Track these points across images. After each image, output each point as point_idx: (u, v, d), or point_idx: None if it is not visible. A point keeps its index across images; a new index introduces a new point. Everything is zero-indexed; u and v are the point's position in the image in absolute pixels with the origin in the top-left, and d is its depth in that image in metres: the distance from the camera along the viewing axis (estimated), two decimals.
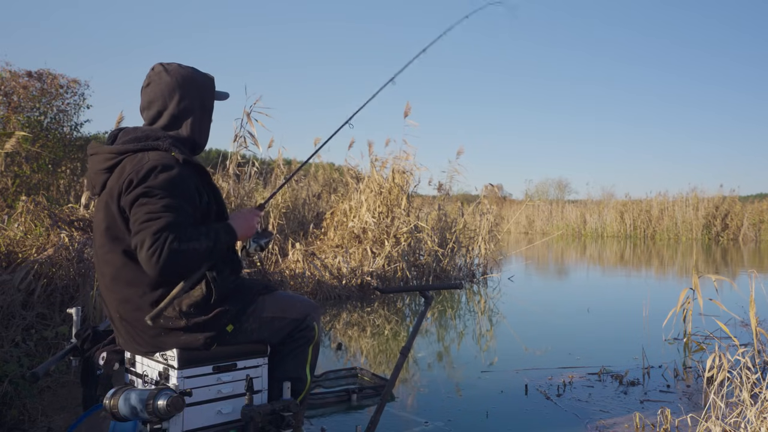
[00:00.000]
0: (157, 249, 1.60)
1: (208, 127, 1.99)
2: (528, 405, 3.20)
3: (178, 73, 1.89)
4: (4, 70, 8.04)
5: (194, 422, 1.79)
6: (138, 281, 1.76)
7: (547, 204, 26.41)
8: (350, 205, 8.38)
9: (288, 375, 1.99)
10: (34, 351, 3.46)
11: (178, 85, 1.87)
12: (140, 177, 1.69)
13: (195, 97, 1.90)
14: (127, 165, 1.75)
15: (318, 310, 2.11)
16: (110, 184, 1.78)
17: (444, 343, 4.95)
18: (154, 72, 1.90)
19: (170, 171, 1.72)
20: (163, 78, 1.87)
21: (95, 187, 1.86)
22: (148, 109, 1.90)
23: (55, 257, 4.37)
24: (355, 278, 7.00)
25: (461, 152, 9.52)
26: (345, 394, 3.02)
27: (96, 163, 1.83)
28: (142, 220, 1.64)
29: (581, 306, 6.64)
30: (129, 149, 1.78)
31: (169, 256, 1.60)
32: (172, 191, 1.70)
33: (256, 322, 1.93)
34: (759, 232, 20.23)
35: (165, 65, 1.90)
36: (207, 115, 1.96)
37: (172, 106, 1.87)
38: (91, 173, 1.86)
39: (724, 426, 2.49)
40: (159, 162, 1.72)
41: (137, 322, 1.79)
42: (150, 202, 1.66)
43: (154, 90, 1.88)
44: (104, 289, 1.85)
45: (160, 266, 1.61)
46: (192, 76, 1.91)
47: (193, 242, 1.67)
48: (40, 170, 7.14)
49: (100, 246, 1.81)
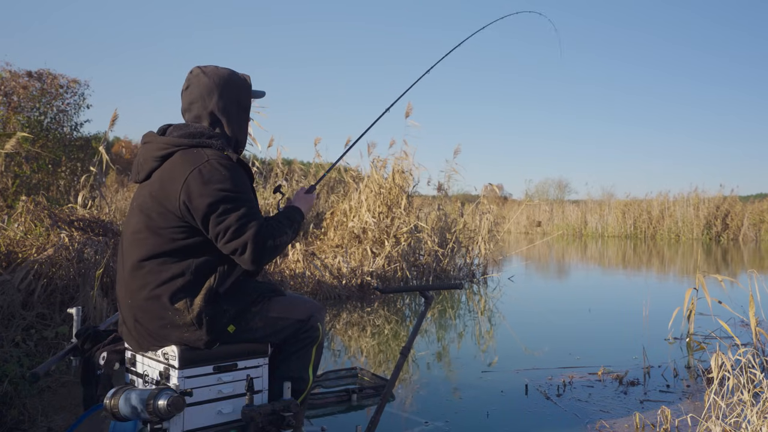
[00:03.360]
0: (259, 252, 1.77)
1: (247, 125, 2.04)
2: (528, 405, 3.20)
3: (215, 74, 1.94)
4: (4, 70, 8.03)
5: (195, 422, 1.79)
6: (161, 271, 1.79)
7: (547, 204, 26.42)
8: (350, 205, 8.38)
9: (290, 375, 1.99)
10: (34, 351, 3.46)
11: (216, 86, 1.92)
12: (210, 178, 1.75)
13: (233, 97, 1.95)
14: (181, 158, 1.80)
15: (322, 311, 2.12)
16: (163, 176, 1.81)
17: (444, 343, 4.95)
18: (192, 75, 1.95)
19: (233, 171, 1.80)
20: (202, 80, 1.92)
21: (140, 173, 1.89)
22: (189, 110, 1.94)
23: (55, 257, 4.37)
24: (355, 278, 6.99)
25: (458, 151, 9.54)
26: (345, 394, 3.01)
27: (148, 151, 1.87)
28: (236, 228, 1.75)
29: (581, 306, 6.64)
30: (183, 143, 1.83)
31: (270, 254, 1.81)
32: (246, 191, 1.82)
33: (261, 321, 1.93)
34: (759, 232, 20.23)
35: (202, 68, 1.96)
36: (245, 113, 2.01)
37: (212, 106, 1.91)
38: (141, 159, 1.90)
39: (724, 426, 2.49)
40: (219, 161, 1.78)
41: (147, 312, 1.80)
42: (234, 207, 1.76)
43: (194, 92, 1.93)
44: (125, 273, 1.86)
45: (261, 264, 1.81)
46: (229, 77, 1.95)
47: (283, 236, 1.85)
48: (40, 170, 7.14)
49: (136, 231, 1.83)
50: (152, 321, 1.80)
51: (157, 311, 1.79)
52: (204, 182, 1.74)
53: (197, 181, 1.75)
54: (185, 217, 1.78)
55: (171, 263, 1.79)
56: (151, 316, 1.80)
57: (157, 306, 1.79)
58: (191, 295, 1.79)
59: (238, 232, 1.75)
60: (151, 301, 1.79)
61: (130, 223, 1.88)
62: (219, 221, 1.75)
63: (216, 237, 1.77)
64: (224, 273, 1.85)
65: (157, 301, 1.79)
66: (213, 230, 1.76)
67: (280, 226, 1.87)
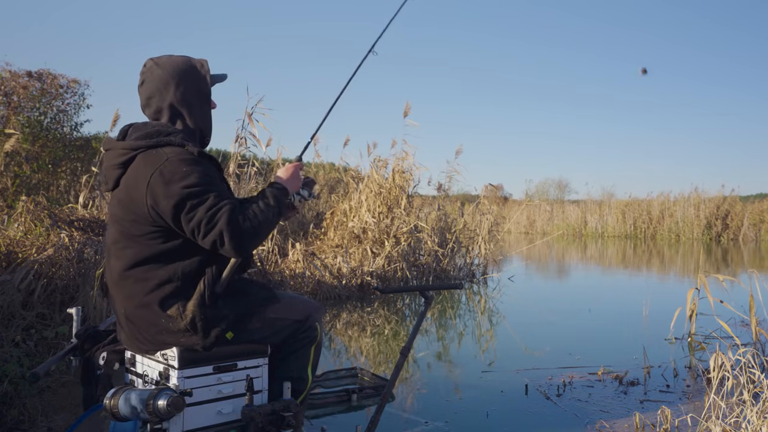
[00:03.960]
0: (238, 237, 1.68)
1: (210, 113, 1.96)
2: (528, 405, 3.20)
3: (169, 64, 1.86)
4: (4, 70, 8.03)
5: (194, 422, 1.79)
6: (147, 278, 1.76)
7: (548, 204, 26.41)
8: (350, 205, 8.37)
9: (290, 375, 1.98)
10: (34, 351, 3.46)
11: (171, 77, 1.84)
12: (171, 178, 1.68)
13: (191, 86, 1.87)
14: (142, 162, 1.74)
15: (320, 311, 2.11)
16: (128, 183, 1.76)
17: (444, 343, 4.95)
18: (146, 68, 1.88)
19: (195, 165, 1.72)
20: (156, 72, 1.85)
21: (109, 182, 1.85)
22: (148, 106, 1.88)
23: (55, 257, 4.37)
24: (355, 278, 6.99)
25: (460, 152, 9.53)
26: (345, 394, 3.01)
27: (110, 159, 1.82)
28: (207, 220, 1.67)
29: (581, 306, 6.64)
30: (141, 145, 1.76)
31: (250, 237, 1.70)
32: (212, 182, 1.73)
33: (259, 322, 1.92)
34: (759, 232, 20.23)
35: (155, 59, 1.88)
36: (206, 101, 1.93)
37: (170, 98, 1.84)
38: (106, 168, 1.85)
39: (724, 426, 2.49)
40: (179, 157, 1.71)
41: (141, 319, 1.79)
42: (201, 200, 1.68)
43: (149, 86, 1.86)
44: (112, 284, 1.84)
45: (246, 249, 1.72)
46: (184, 65, 1.88)
47: (261, 214, 1.75)
48: (40, 170, 7.14)
49: (115, 242, 1.81)
50: (148, 328, 1.79)
51: (151, 319, 1.77)
52: (166, 183, 1.68)
53: (159, 183, 1.69)
54: (157, 222, 1.73)
55: (156, 269, 1.76)
56: (145, 324, 1.79)
57: (149, 314, 1.77)
58: (183, 300, 1.77)
59: (210, 223, 1.67)
60: (143, 309, 1.77)
61: (109, 234, 1.84)
62: (189, 218, 1.68)
63: (192, 235, 1.70)
64: (214, 274, 1.80)
65: (148, 309, 1.77)
66: (187, 229, 1.70)
67: (255, 205, 1.77)
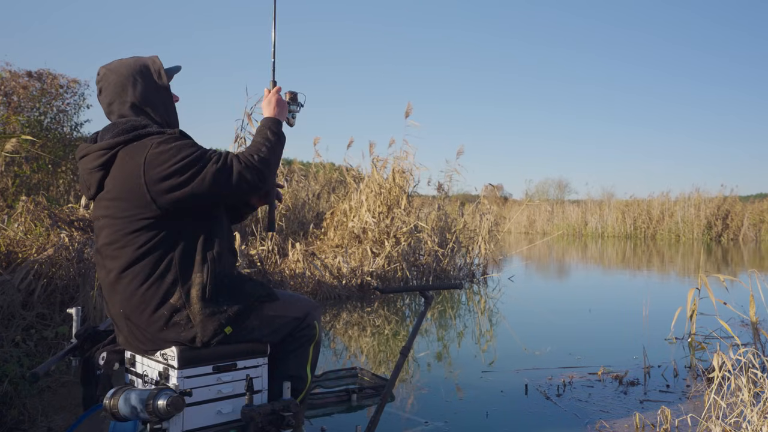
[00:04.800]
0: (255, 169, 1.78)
1: (173, 105, 1.96)
2: (528, 405, 3.20)
3: (122, 66, 1.88)
4: (4, 70, 8.04)
5: (194, 422, 1.79)
6: (146, 274, 1.77)
7: (548, 204, 26.41)
8: (350, 205, 8.38)
9: (289, 374, 1.98)
10: (34, 351, 3.46)
11: (125, 79, 1.85)
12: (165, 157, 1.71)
13: (147, 83, 1.88)
14: (126, 155, 1.74)
15: (318, 309, 2.11)
16: (117, 179, 1.75)
17: (444, 343, 4.95)
18: (100, 77, 1.89)
19: (182, 139, 1.77)
20: (111, 78, 1.86)
21: (90, 188, 1.83)
22: (111, 112, 1.88)
23: (55, 257, 4.37)
24: (355, 278, 6.99)
25: (461, 152, 9.52)
26: (345, 394, 3.01)
27: (88, 163, 1.81)
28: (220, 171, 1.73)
29: (581, 306, 6.64)
30: (120, 141, 1.76)
31: (265, 167, 1.81)
32: (201, 147, 1.79)
33: (257, 320, 1.92)
34: (759, 232, 20.23)
35: (106, 66, 1.90)
36: (167, 94, 1.93)
37: (131, 98, 1.85)
38: (85, 175, 1.83)
39: (724, 426, 2.49)
40: (163, 139, 1.74)
41: (140, 316, 1.79)
42: (204, 161, 1.74)
43: (107, 93, 1.87)
44: (108, 285, 1.84)
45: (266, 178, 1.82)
46: (135, 64, 1.89)
47: (265, 147, 1.85)
48: (40, 170, 7.15)
49: (108, 243, 1.80)
50: (148, 325, 1.79)
51: (151, 315, 1.78)
52: (162, 162, 1.70)
53: (155, 165, 1.70)
54: (159, 208, 1.73)
55: (154, 264, 1.76)
56: (145, 320, 1.79)
57: (149, 309, 1.77)
58: (183, 293, 1.78)
59: (224, 171, 1.74)
60: (143, 305, 1.78)
61: (101, 237, 1.83)
62: (202, 178, 1.72)
63: (209, 192, 1.74)
64: (213, 267, 1.81)
65: (149, 305, 1.77)
66: (202, 188, 1.73)
67: (256, 143, 1.87)
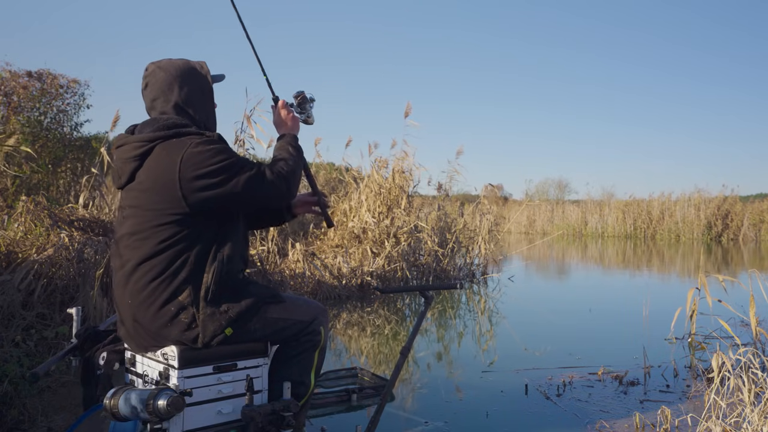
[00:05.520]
0: (282, 180, 1.89)
1: (213, 110, 2.03)
2: (528, 405, 3.20)
3: (171, 66, 1.92)
4: (4, 70, 8.03)
5: (194, 422, 1.79)
6: (160, 271, 1.78)
7: (548, 204, 26.41)
8: (350, 205, 8.37)
9: (291, 379, 1.98)
10: (34, 351, 3.46)
11: (174, 78, 1.90)
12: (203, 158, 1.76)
13: (194, 85, 1.93)
14: (164, 150, 1.78)
15: (325, 314, 2.09)
16: (151, 172, 1.79)
17: (444, 343, 4.95)
18: (148, 72, 1.94)
19: (220, 144, 1.83)
20: (159, 75, 1.91)
21: (122, 177, 1.86)
22: (153, 108, 1.92)
23: (55, 257, 4.37)
24: (355, 278, 6.99)
25: (461, 152, 9.53)
26: (345, 394, 3.01)
27: (124, 153, 1.85)
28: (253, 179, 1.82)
29: (581, 306, 6.64)
30: (160, 136, 1.81)
31: (292, 176, 1.94)
32: (237, 154, 1.86)
33: (259, 323, 1.92)
34: (759, 232, 20.23)
35: (156, 63, 1.94)
36: (209, 99, 2.00)
37: (175, 98, 1.90)
38: (119, 163, 1.87)
39: (724, 426, 2.49)
40: (203, 140, 1.80)
41: (146, 312, 1.79)
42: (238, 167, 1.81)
43: (153, 89, 1.91)
44: (122, 276, 1.84)
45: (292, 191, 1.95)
46: (185, 66, 1.94)
47: (290, 162, 1.97)
48: (40, 170, 7.14)
49: (132, 233, 1.82)
50: (153, 320, 1.79)
51: (158, 309, 1.78)
52: (199, 162, 1.75)
53: (192, 164, 1.75)
54: (193, 205, 1.77)
55: (170, 261, 1.78)
56: (151, 315, 1.79)
57: (158, 304, 1.78)
58: (192, 292, 1.79)
59: (257, 180, 1.82)
60: (152, 299, 1.78)
61: (125, 226, 1.85)
62: (234, 183, 1.78)
63: (239, 198, 1.81)
64: (220, 269, 1.83)
65: (158, 299, 1.78)
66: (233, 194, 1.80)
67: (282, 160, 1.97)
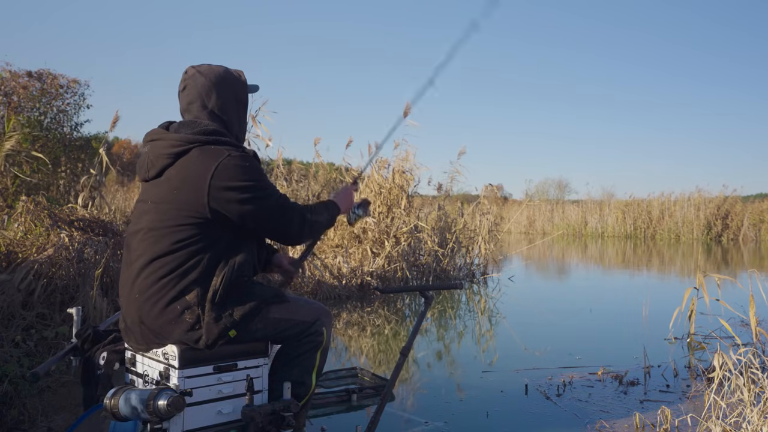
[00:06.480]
0: (300, 226, 1.97)
1: (246, 120, 2.07)
2: (528, 405, 3.20)
3: (211, 72, 1.95)
4: (4, 70, 8.04)
5: (194, 422, 1.79)
6: (172, 269, 1.78)
7: (548, 204, 26.41)
8: None
9: (293, 380, 1.97)
10: (34, 351, 3.46)
11: (213, 85, 1.93)
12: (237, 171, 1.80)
13: (230, 94, 1.97)
14: (200, 154, 1.81)
15: (328, 316, 2.09)
16: (183, 172, 1.81)
17: (444, 343, 4.96)
18: (188, 75, 1.96)
19: (255, 162, 1.89)
20: (198, 80, 1.93)
21: (150, 170, 1.87)
22: (188, 111, 1.95)
23: (55, 257, 4.37)
24: (355, 278, 6.99)
25: (463, 152, 9.51)
26: (345, 394, 3.01)
27: (159, 148, 1.86)
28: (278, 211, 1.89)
29: (581, 306, 6.64)
30: (199, 140, 1.83)
31: (311, 228, 2.03)
32: (269, 181, 1.93)
33: (262, 322, 1.92)
34: (759, 232, 20.23)
35: (197, 67, 1.96)
36: (243, 109, 2.03)
37: (211, 105, 1.93)
38: (152, 156, 1.87)
39: (724, 426, 2.49)
40: (240, 153, 1.84)
41: (152, 309, 1.79)
42: (268, 193, 1.87)
43: (191, 92, 1.93)
44: (133, 270, 1.84)
45: (303, 240, 2.07)
46: (225, 74, 1.97)
47: (320, 216, 2.07)
48: (40, 170, 7.14)
49: (150, 228, 1.82)
50: (157, 317, 1.79)
51: (164, 306, 1.78)
52: (232, 175, 1.79)
53: (225, 175, 1.78)
54: (214, 212, 1.79)
55: (183, 260, 1.79)
56: (157, 312, 1.79)
57: (164, 301, 1.78)
58: (199, 293, 1.79)
59: (280, 213, 1.89)
60: (160, 295, 1.78)
61: (143, 220, 1.86)
62: (260, 206, 1.84)
63: (258, 222, 1.87)
64: (232, 272, 1.83)
65: (165, 296, 1.78)
66: (253, 217, 1.85)
67: (315, 207, 2.07)
